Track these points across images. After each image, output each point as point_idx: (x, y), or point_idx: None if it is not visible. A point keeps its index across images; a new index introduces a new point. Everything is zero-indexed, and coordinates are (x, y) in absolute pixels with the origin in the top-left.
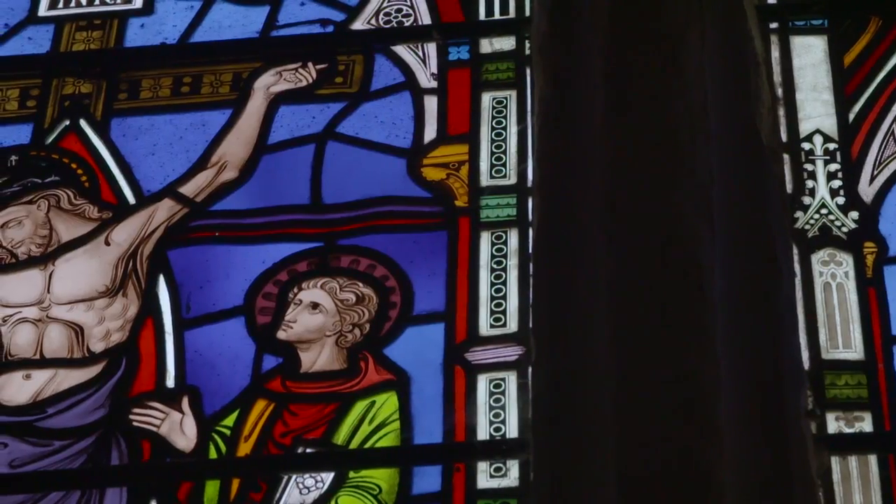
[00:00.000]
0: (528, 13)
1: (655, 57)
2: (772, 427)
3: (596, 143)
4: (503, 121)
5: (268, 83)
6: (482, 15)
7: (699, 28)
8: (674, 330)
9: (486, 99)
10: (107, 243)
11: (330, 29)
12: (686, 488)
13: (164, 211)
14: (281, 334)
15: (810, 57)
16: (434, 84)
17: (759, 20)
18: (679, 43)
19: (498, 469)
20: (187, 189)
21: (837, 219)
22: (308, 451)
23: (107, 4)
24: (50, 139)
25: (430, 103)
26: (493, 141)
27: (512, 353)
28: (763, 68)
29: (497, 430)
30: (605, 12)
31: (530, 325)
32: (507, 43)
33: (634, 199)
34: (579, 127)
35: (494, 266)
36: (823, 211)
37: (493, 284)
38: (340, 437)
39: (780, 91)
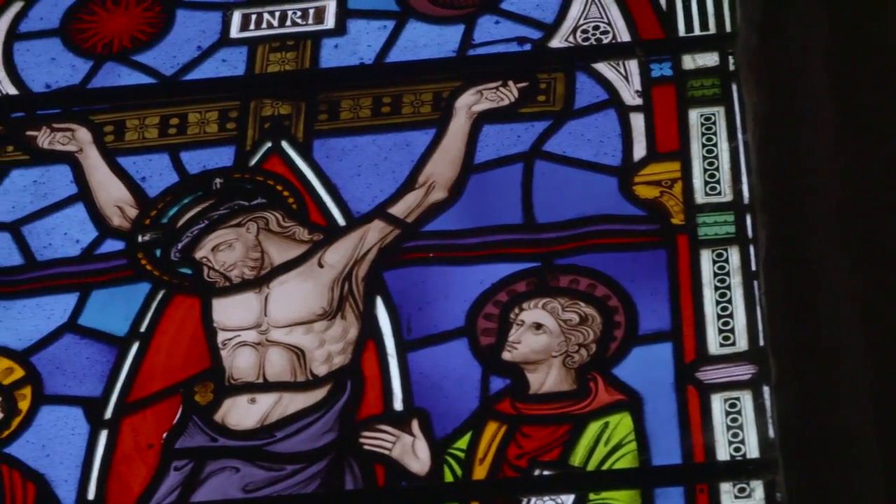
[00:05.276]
0: (728, 28)
1: (880, 68)
2: None
3: (826, 157)
4: (713, 137)
5: (469, 102)
6: (681, 29)
7: None
8: None
9: (694, 116)
10: (320, 265)
11: (527, 47)
12: None
13: (376, 232)
14: (506, 355)
15: None
16: (639, 101)
17: None
18: None
19: (742, 490)
20: (397, 210)
21: None
22: (545, 473)
23: (299, 25)
24: (253, 161)
25: (637, 120)
26: (704, 158)
27: (745, 371)
28: None
29: (737, 450)
30: (826, 24)
31: (761, 344)
32: (710, 59)
33: (872, 214)
34: (804, 142)
35: (718, 284)
36: None
37: (718, 303)
38: (577, 459)
39: None
